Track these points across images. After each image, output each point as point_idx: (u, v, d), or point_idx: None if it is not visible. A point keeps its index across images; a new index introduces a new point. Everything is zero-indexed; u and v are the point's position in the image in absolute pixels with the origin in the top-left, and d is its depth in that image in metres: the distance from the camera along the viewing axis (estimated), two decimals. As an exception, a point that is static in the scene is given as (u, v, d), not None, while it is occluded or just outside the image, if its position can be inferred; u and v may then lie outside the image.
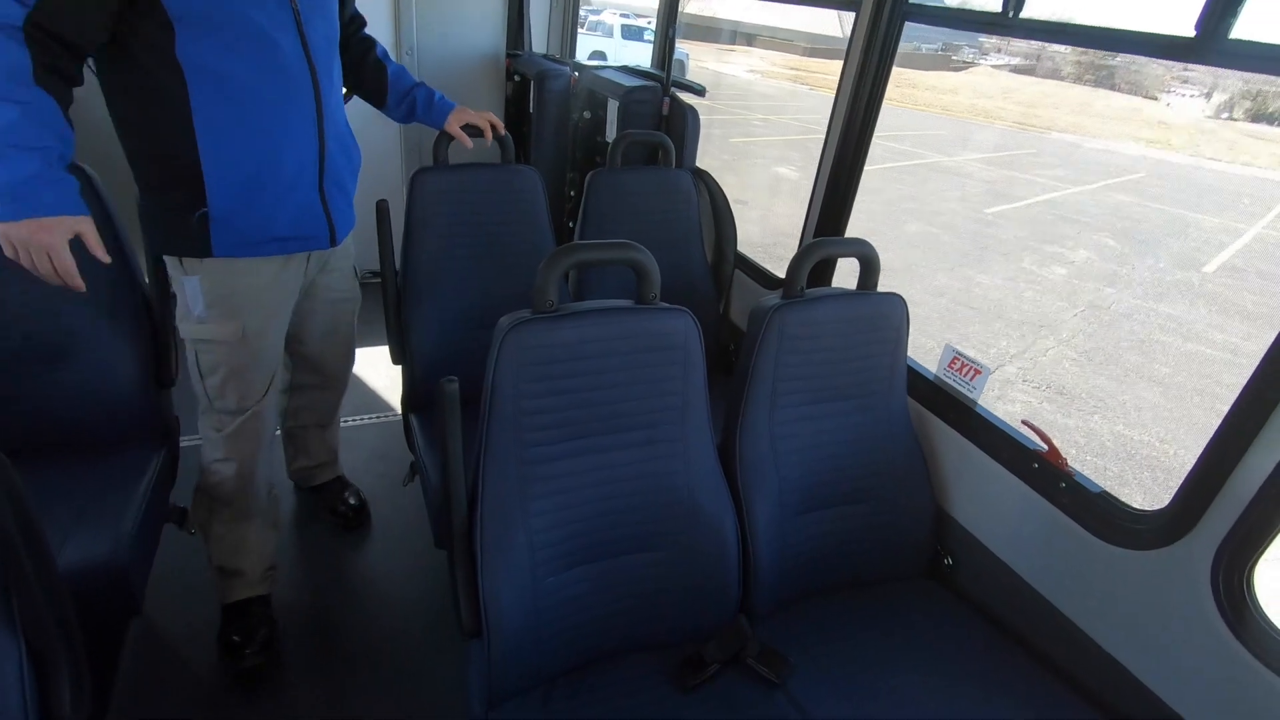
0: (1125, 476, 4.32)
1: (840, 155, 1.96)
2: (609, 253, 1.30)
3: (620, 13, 17.10)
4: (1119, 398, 5.22)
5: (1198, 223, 10.53)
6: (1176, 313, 6.93)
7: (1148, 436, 4.75)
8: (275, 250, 1.57)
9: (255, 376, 1.67)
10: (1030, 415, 4.89)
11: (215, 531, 1.81)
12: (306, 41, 1.46)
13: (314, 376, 2.04)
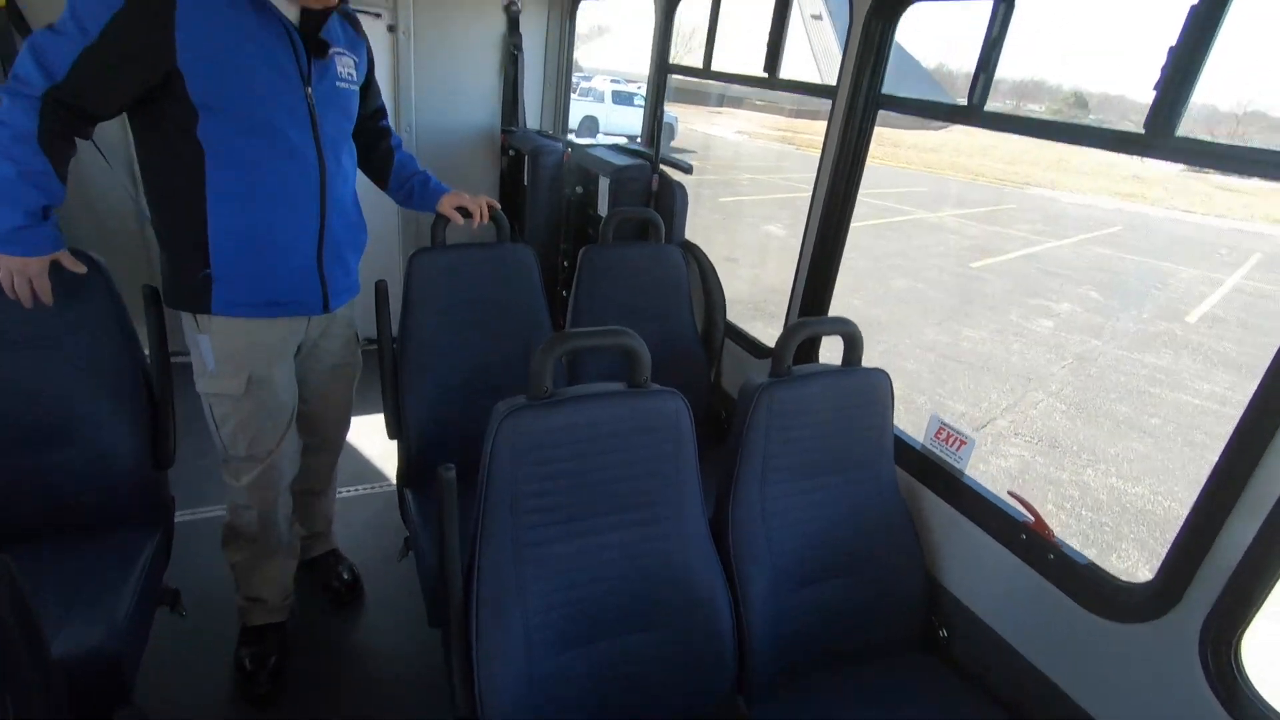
0: (1121, 530, 4.31)
1: (823, 232, 2.05)
2: (601, 339, 1.35)
3: (611, 78, 17.76)
4: (1111, 450, 5.26)
5: (1176, 274, 10.79)
6: (1162, 363, 7.04)
7: (1141, 489, 4.77)
8: (271, 312, 1.70)
9: (264, 426, 1.79)
10: (1023, 468, 4.91)
11: (240, 564, 1.98)
12: (319, 134, 1.63)
13: (311, 438, 2.08)
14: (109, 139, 3.10)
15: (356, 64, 1.75)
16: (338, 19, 1.72)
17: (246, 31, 1.48)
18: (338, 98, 1.67)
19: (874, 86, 1.87)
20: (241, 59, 1.47)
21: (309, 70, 1.58)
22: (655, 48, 2.89)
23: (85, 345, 1.67)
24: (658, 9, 2.85)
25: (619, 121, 16.58)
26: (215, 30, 1.44)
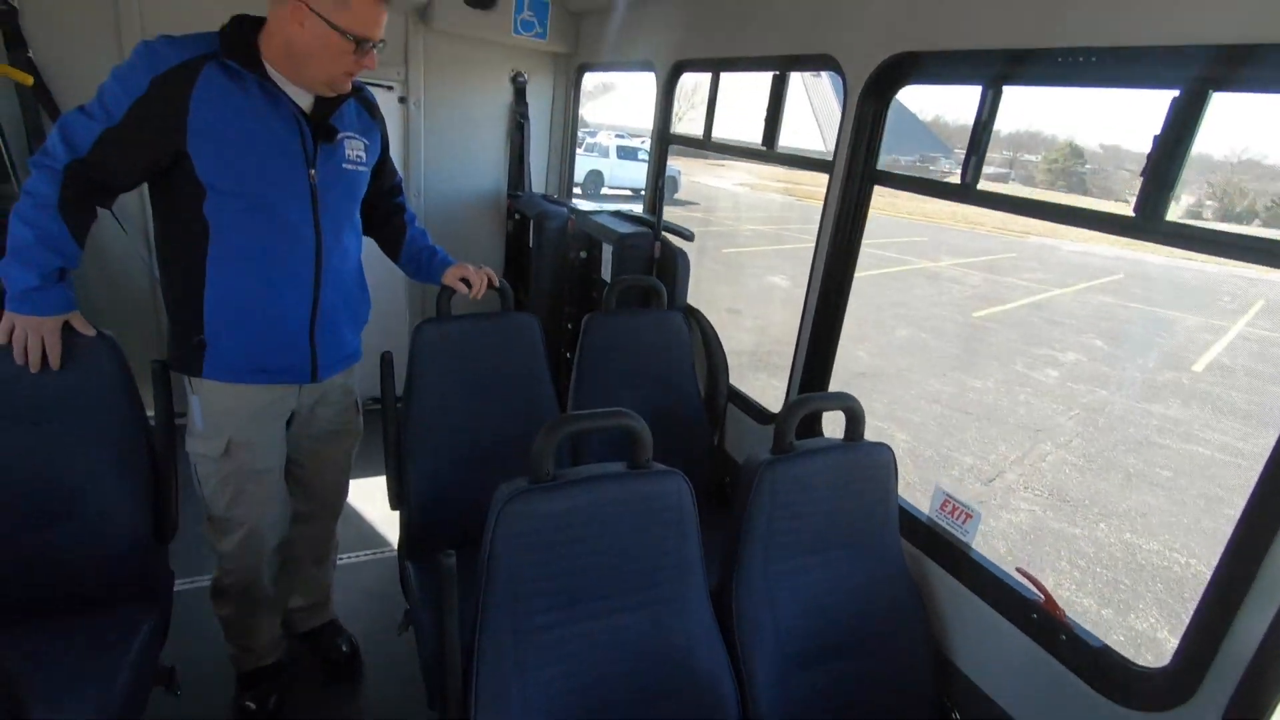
0: (1138, 589, 4.22)
1: (822, 305, 2.08)
2: (602, 421, 1.36)
3: (616, 134, 18.22)
4: (1123, 504, 5.18)
5: (1180, 321, 10.81)
6: (1171, 413, 6.99)
7: (1156, 545, 4.68)
8: (259, 379, 1.76)
9: (244, 489, 1.83)
10: (1034, 524, 4.83)
11: (227, 617, 2.02)
12: (318, 212, 1.70)
13: (307, 504, 2.10)
14: (127, 208, 3.19)
15: (367, 147, 1.82)
16: (354, 104, 1.80)
17: (256, 117, 1.57)
18: (342, 179, 1.75)
19: (869, 163, 1.92)
20: (247, 143, 1.57)
21: (315, 153, 1.67)
22: (656, 120, 2.98)
23: (91, 418, 1.69)
24: (659, 83, 2.95)
25: (624, 176, 16.94)
26: (225, 116, 1.53)
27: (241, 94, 1.55)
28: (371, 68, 1.62)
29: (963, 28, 1.58)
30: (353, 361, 1.97)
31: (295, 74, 1.60)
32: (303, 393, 1.87)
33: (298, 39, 1.53)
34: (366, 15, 1.52)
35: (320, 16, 1.50)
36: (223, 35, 1.56)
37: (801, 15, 2.10)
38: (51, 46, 2.87)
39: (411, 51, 3.47)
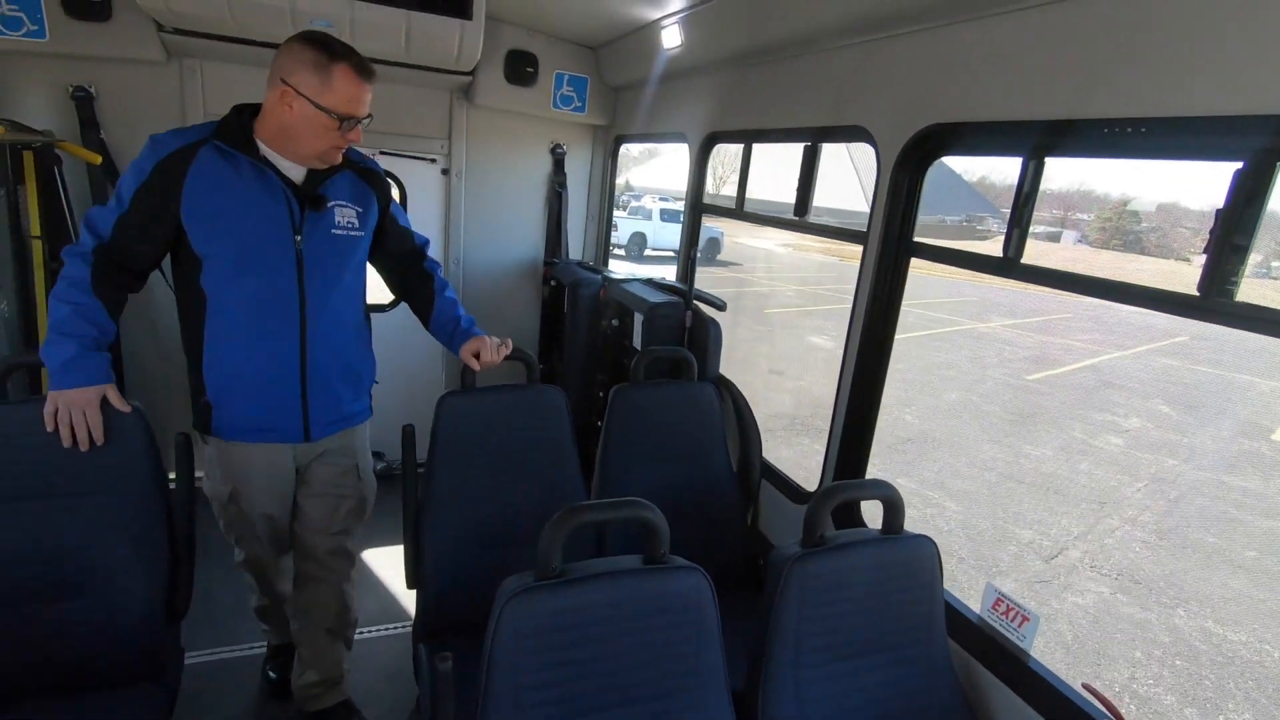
0: (1225, 685, 3.81)
1: (857, 384, 1.98)
2: (616, 512, 1.28)
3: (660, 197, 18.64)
4: (1201, 587, 4.76)
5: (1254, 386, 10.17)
6: (1251, 486, 6.48)
7: (1244, 636, 4.25)
8: (255, 438, 1.88)
9: (246, 532, 2.04)
10: (1103, 607, 4.47)
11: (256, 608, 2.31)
12: (304, 278, 1.81)
13: (306, 563, 2.12)
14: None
15: (360, 214, 1.91)
16: (350, 174, 1.91)
17: (245, 191, 1.72)
18: (332, 244, 1.85)
19: (905, 235, 1.85)
20: (235, 214, 1.71)
21: (301, 221, 1.79)
22: (690, 189, 2.99)
23: (113, 493, 1.69)
24: (691, 153, 2.97)
25: (667, 238, 17.23)
26: (215, 191, 1.69)
27: (233, 171, 1.71)
28: (357, 141, 1.76)
29: (1000, 99, 1.52)
30: (352, 423, 2.03)
31: (288, 150, 1.74)
32: (299, 451, 1.96)
33: (287, 119, 1.68)
34: (348, 95, 1.67)
35: (306, 98, 1.65)
36: (219, 123, 1.73)
37: (832, 87, 2.08)
38: (121, 128, 3.07)
39: (455, 126, 3.59)
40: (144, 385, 3.31)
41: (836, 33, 1.95)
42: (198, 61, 3.10)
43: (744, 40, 2.39)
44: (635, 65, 3.26)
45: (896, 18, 1.72)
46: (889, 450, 1.85)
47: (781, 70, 2.35)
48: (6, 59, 2.82)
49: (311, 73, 1.65)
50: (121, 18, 2.80)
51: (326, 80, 1.65)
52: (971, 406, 8.27)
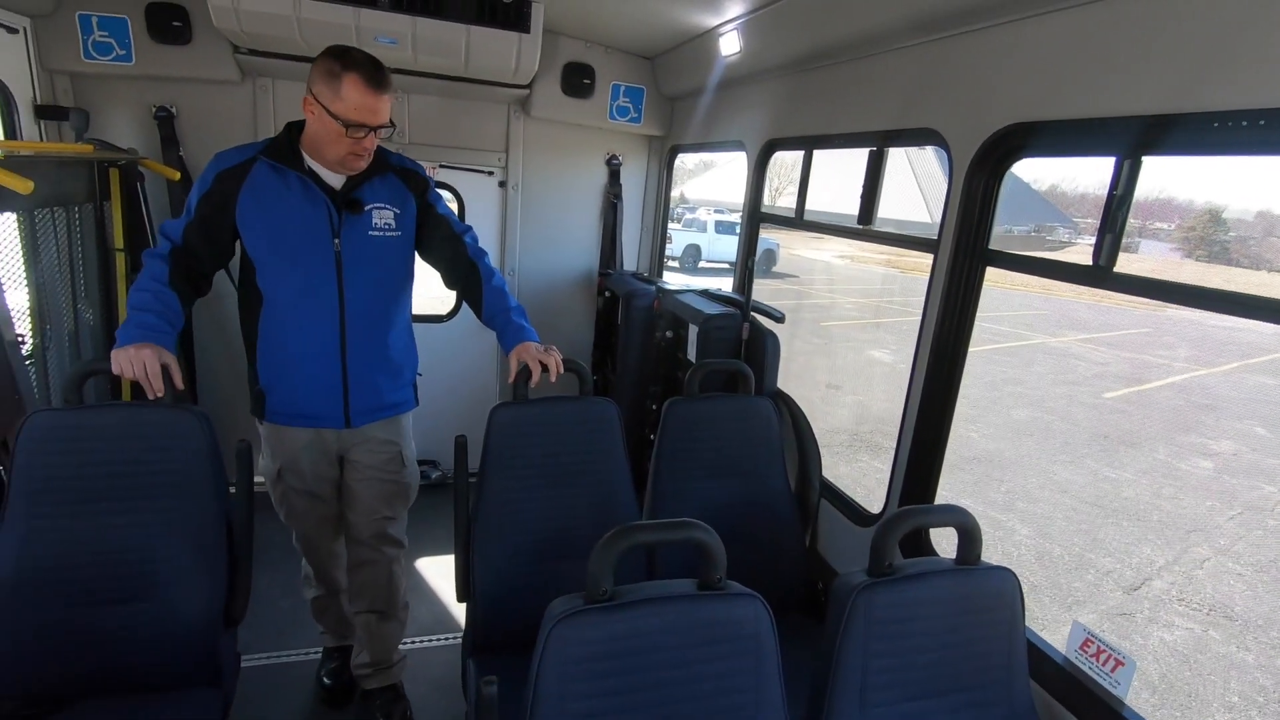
0: (1339, 740, 3.46)
1: (926, 402, 1.86)
2: (669, 533, 1.22)
3: (715, 209, 18.56)
4: (1309, 628, 4.36)
5: (1365, 407, 9.35)
6: (1362, 517, 5.93)
7: (1359, 683, 3.86)
8: (300, 422, 2.06)
9: (295, 506, 2.18)
10: (1195, 645, 4.13)
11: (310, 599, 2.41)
12: (343, 280, 1.96)
13: (364, 550, 2.23)
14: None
15: (398, 215, 2.03)
16: (392, 176, 2.03)
17: (290, 200, 1.89)
18: (369, 245, 1.99)
19: (980, 242, 1.74)
20: (280, 222, 1.89)
21: (339, 224, 1.93)
22: (747, 198, 2.92)
23: (179, 500, 1.73)
24: (750, 162, 2.90)
25: (722, 250, 17.13)
26: (265, 202, 1.88)
27: (281, 183, 1.89)
28: (369, 148, 1.87)
29: (1088, 94, 1.41)
30: (393, 413, 2.15)
31: (319, 157, 1.89)
32: (341, 437, 2.11)
33: (311, 127, 1.85)
34: (356, 103, 1.77)
35: (322, 106, 1.78)
36: (271, 140, 1.94)
37: (900, 89, 1.99)
38: (198, 145, 3.21)
39: (512, 139, 3.63)
40: (210, 394, 3.44)
41: (905, 32, 1.86)
42: (270, 80, 3.22)
43: (805, 44, 2.32)
44: (692, 74, 3.22)
45: (971, 13, 1.62)
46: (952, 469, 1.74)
47: (844, 73, 2.27)
48: (97, 82, 2.99)
49: (326, 82, 1.77)
50: (201, 41, 2.93)
51: (337, 89, 1.75)
52: (1042, 425, 7.86)
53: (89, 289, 2.83)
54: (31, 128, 2.82)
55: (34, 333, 2.45)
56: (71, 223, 2.68)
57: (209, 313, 3.41)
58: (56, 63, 2.86)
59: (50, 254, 2.54)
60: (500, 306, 2.10)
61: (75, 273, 2.72)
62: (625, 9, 2.91)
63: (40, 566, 1.63)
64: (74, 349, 2.73)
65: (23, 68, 2.76)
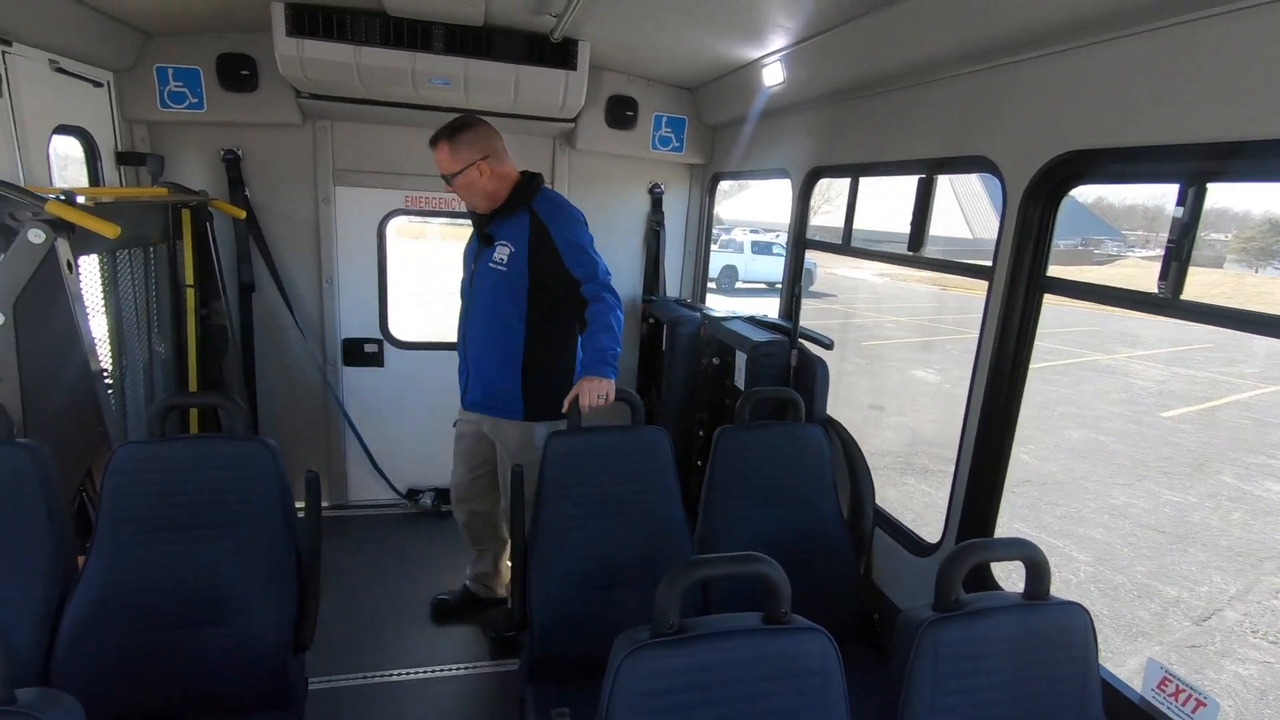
0: None
1: (984, 432, 1.84)
2: (735, 567, 1.23)
3: (750, 229, 18.53)
4: (1400, 665, 4.09)
5: None
6: None
7: None
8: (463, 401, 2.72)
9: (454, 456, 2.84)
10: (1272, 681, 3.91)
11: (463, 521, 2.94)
12: (472, 296, 2.57)
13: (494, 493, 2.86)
14: (309, 317, 3.59)
15: (512, 252, 2.42)
16: (523, 215, 2.43)
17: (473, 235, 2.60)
18: (487, 276, 2.48)
19: (1036, 270, 1.72)
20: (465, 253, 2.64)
21: (477, 256, 2.51)
22: (792, 225, 2.93)
23: (250, 528, 1.80)
24: (794, 189, 2.92)
25: (758, 270, 17.07)
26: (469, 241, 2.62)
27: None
28: (458, 192, 2.44)
29: (1152, 120, 1.39)
30: (494, 413, 2.59)
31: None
32: (479, 418, 2.68)
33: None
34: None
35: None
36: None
37: (950, 116, 1.99)
38: (263, 185, 3.38)
39: (557, 171, 3.72)
40: (275, 425, 3.57)
41: (956, 60, 1.87)
42: (328, 122, 3.38)
43: (851, 73, 2.34)
44: (734, 103, 3.26)
45: (1027, 42, 1.63)
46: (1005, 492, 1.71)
47: (891, 101, 2.28)
48: (172, 129, 3.18)
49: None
50: (266, 88, 3.10)
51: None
52: (1097, 446, 7.59)
53: (161, 324, 2.98)
54: (113, 173, 3.00)
55: (112, 365, 2.59)
56: (148, 261, 2.84)
57: (272, 344, 3.55)
58: (135, 112, 3.05)
59: (127, 291, 2.69)
60: (589, 345, 2.35)
61: (150, 308, 2.87)
62: (668, 44, 2.98)
63: (124, 592, 1.71)
64: (147, 380, 2.87)
65: (106, 118, 2.95)
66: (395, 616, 2.96)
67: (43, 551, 1.70)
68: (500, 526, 2.93)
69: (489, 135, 2.45)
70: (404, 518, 3.85)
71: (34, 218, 1.93)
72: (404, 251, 3.92)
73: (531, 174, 2.53)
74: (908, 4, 1.93)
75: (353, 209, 3.54)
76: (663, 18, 2.59)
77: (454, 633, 2.90)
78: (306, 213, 3.48)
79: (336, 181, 3.47)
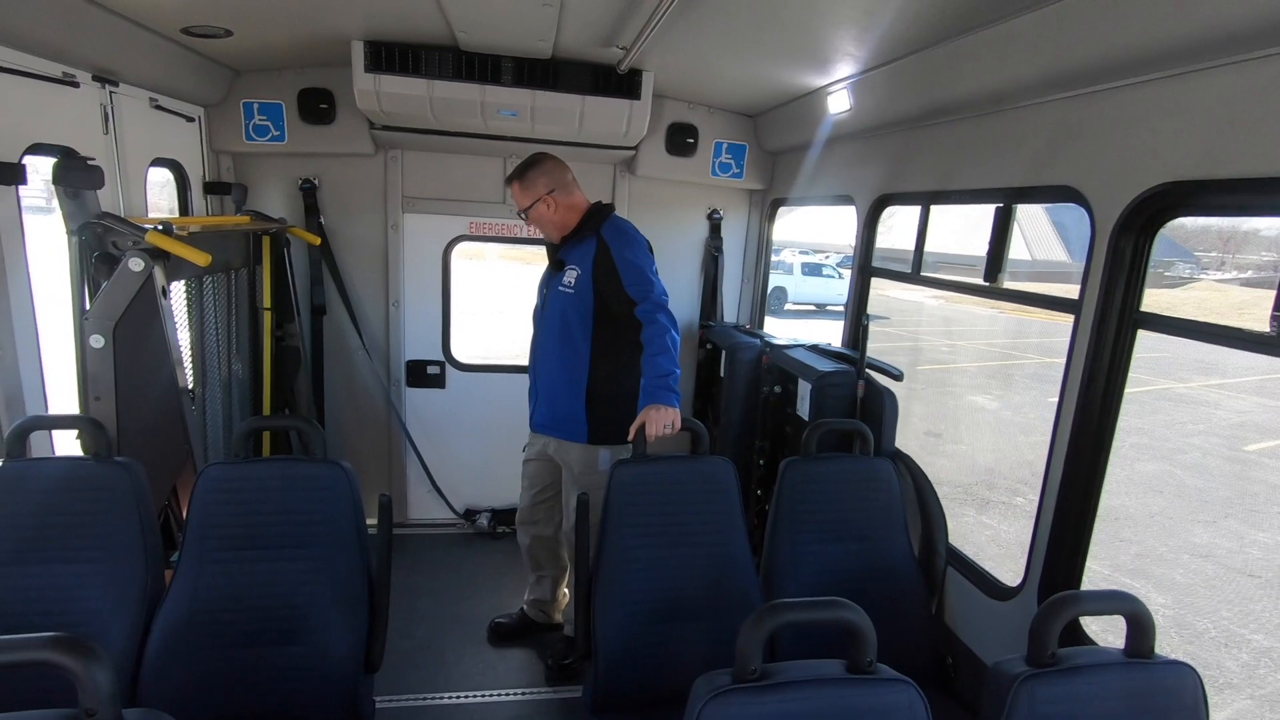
0: None
1: (1069, 476, 1.76)
2: (819, 612, 1.20)
3: (800, 250, 18.37)
4: None
5: None
6: None
7: None
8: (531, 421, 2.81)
9: (523, 482, 2.88)
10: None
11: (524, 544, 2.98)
12: (541, 320, 2.71)
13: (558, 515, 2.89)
14: (375, 338, 3.70)
15: (578, 275, 2.53)
16: (591, 242, 2.52)
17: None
18: (557, 299, 2.59)
19: (1130, 305, 1.64)
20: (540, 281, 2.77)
21: (550, 280, 2.64)
22: (858, 253, 2.89)
23: (326, 548, 1.85)
24: (859, 216, 2.88)
25: (808, 291, 16.90)
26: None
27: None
28: (532, 225, 2.60)
29: (1259, 150, 1.32)
30: (559, 434, 2.65)
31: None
32: (543, 439, 2.75)
33: None
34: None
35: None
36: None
37: (1031, 145, 1.94)
38: (336, 212, 3.53)
39: (617, 197, 3.76)
40: (346, 449, 3.67)
41: (1039, 88, 1.82)
42: (399, 151, 3.50)
43: (923, 100, 2.30)
44: (796, 130, 3.25)
45: (1120, 69, 1.57)
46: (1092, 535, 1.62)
47: (965, 128, 2.23)
48: (255, 160, 3.34)
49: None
50: (342, 120, 3.24)
51: None
52: (1173, 480, 7.19)
53: (239, 345, 3.12)
54: (200, 202, 3.17)
55: (194, 385, 2.71)
56: (230, 285, 2.98)
57: (339, 365, 3.67)
58: (222, 144, 3.22)
59: (210, 314, 2.82)
60: (645, 370, 2.35)
61: (230, 330, 3.00)
62: (731, 73, 2.99)
63: (209, 608, 1.77)
64: (225, 399, 2.99)
65: (196, 150, 3.12)
66: (453, 637, 2.98)
67: (134, 566, 1.77)
68: (561, 553, 2.92)
69: (556, 170, 2.55)
70: (461, 537, 3.89)
71: (134, 247, 2.05)
72: (462, 271, 4.01)
73: (603, 203, 2.62)
74: (986, 32, 1.89)
75: (419, 234, 3.64)
76: (728, 48, 2.60)
77: (511, 656, 2.91)
78: (376, 238, 3.60)
79: (405, 209, 3.59)
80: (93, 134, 2.35)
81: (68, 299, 2.13)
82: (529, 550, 2.94)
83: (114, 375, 2.05)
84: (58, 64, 2.14)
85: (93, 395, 2.05)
